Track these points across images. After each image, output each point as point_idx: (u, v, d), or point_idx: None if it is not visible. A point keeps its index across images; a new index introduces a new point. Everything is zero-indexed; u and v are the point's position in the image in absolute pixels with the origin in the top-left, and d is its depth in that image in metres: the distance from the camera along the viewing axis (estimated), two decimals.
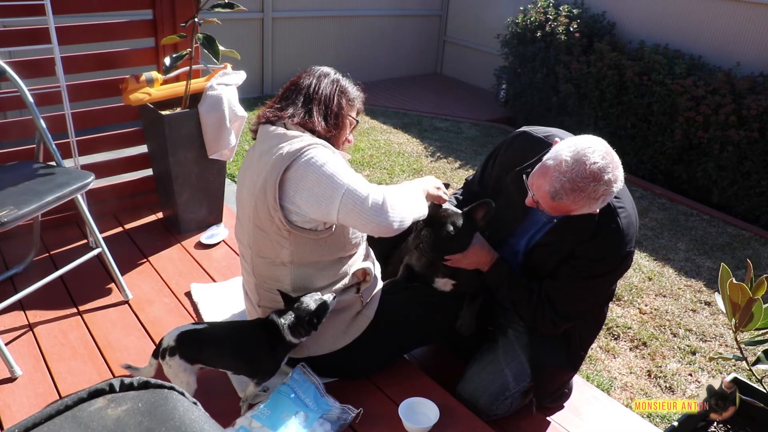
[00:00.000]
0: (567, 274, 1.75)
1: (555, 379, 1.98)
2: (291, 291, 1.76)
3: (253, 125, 1.84)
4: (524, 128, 1.92)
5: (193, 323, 1.75)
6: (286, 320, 1.68)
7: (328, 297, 1.71)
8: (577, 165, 1.52)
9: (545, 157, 1.62)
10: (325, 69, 1.83)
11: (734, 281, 1.29)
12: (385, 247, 2.04)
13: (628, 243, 1.68)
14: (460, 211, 1.81)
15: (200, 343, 1.71)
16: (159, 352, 1.69)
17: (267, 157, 1.66)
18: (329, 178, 1.57)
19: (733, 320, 1.33)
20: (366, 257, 1.90)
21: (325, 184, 1.57)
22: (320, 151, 1.62)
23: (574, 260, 1.73)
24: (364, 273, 1.83)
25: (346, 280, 1.79)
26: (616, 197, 1.68)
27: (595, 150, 1.54)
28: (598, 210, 1.61)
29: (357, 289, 1.83)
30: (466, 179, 2.18)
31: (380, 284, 1.95)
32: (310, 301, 1.69)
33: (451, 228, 1.76)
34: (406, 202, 1.64)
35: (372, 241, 1.97)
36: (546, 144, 1.77)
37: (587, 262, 1.71)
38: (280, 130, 1.70)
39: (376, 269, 1.97)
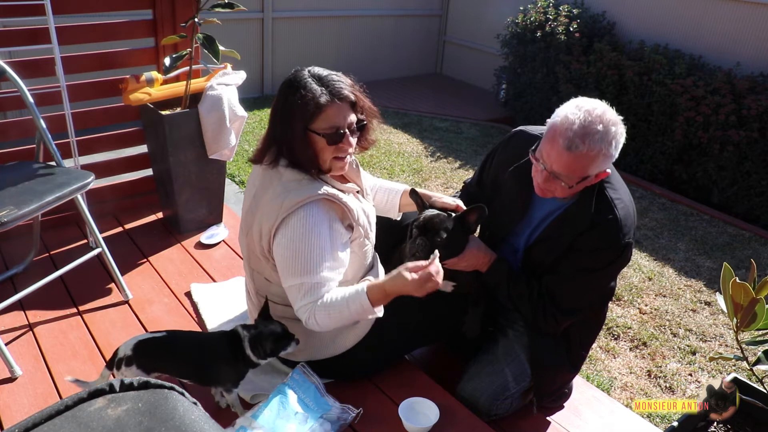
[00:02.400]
0: (567, 267, 1.75)
1: (555, 379, 1.98)
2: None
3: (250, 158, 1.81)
4: (520, 127, 1.94)
5: (151, 332, 1.71)
6: (249, 334, 1.67)
7: (293, 343, 1.71)
8: (582, 113, 1.57)
9: (549, 123, 1.64)
10: (283, 89, 1.63)
11: (737, 281, 1.29)
12: (385, 248, 2.04)
13: (626, 233, 1.68)
14: (452, 216, 1.81)
15: (158, 352, 1.68)
16: (114, 363, 1.64)
17: (266, 196, 1.66)
18: (295, 263, 1.60)
19: (735, 320, 1.33)
20: (371, 267, 1.90)
21: (293, 262, 1.60)
22: (310, 218, 1.60)
23: (573, 253, 1.73)
24: None
25: None
26: (613, 189, 1.70)
27: (589, 100, 1.63)
28: (614, 156, 1.61)
29: None
30: (464, 182, 2.18)
31: None
32: (278, 327, 1.69)
33: (444, 234, 1.77)
34: (334, 323, 1.64)
35: None
36: None
37: (586, 254, 1.71)
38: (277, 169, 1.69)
39: (381, 275, 1.97)
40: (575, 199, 1.74)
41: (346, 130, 1.62)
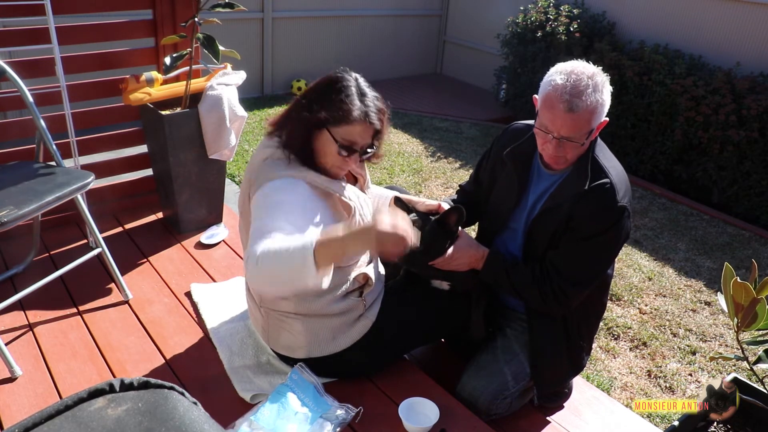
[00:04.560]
0: (568, 239, 1.77)
1: (555, 372, 1.97)
2: (292, 297, 1.76)
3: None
4: (513, 122, 2.04)
5: None
6: None
7: None
8: (568, 75, 1.66)
9: (542, 94, 1.71)
10: (326, 81, 1.69)
11: (738, 280, 1.29)
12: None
13: (622, 197, 1.72)
14: (431, 219, 1.82)
15: None
16: None
17: (257, 157, 1.69)
18: (260, 210, 1.57)
19: (735, 320, 1.33)
20: (369, 262, 1.90)
21: (256, 212, 1.59)
22: (279, 185, 1.60)
23: (572, 223, 1.75)
24: (365, 277, 1.82)
25: (347, 285, 1.79)
26: (605, 158, 1.77)
27: (565, 63, 1.71)
28: (607, 102, 1.69)
29: (360, 293, 1.83)
30: (459, 185, 2.20)
31: (383, 287, 1.95)
32: None
33: (418, 240, 1.78)
34: (269, 275, 1.41)
35: None
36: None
37: (585, 220, 1.73)
38: (272, 143, 1.72)
39: (382, 271, 1.97)
40: (569, 172, 1.78)
41: (359, 150, 1.69)
